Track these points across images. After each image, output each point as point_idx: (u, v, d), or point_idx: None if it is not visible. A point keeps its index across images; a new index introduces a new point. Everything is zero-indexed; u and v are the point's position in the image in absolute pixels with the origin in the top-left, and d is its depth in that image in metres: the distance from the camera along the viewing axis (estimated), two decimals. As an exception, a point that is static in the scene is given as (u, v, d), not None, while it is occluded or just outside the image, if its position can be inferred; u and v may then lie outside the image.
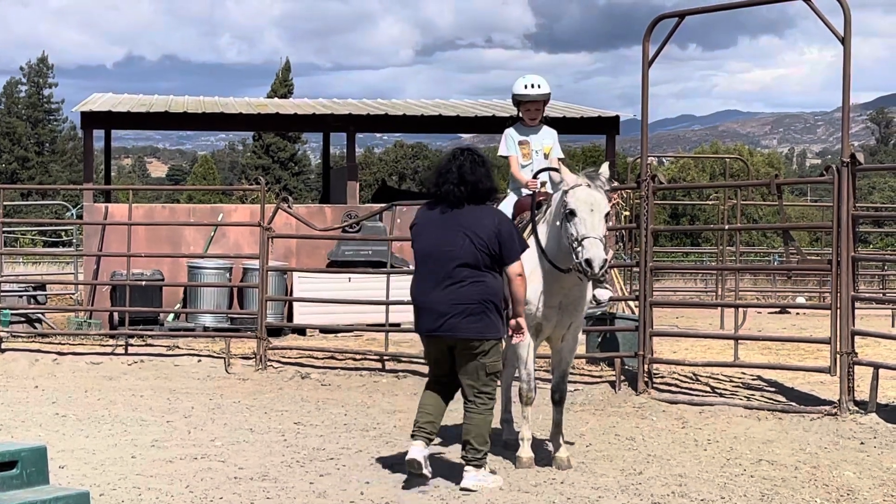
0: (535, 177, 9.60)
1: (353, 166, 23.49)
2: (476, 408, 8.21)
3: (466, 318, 8.06)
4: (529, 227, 9.23)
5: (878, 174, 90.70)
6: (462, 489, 8.11)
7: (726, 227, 18.05)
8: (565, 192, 8.70)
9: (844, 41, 11.47)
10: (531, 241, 9.19)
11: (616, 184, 20.11)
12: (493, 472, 8.41)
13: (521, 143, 9.88)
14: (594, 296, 9.37)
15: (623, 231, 19.77)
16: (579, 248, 8.45)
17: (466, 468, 8.19)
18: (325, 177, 29.50)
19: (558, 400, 9.35)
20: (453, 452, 9.66)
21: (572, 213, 8.55)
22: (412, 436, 8.32)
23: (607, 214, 8.73)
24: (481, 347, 8.12)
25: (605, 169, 8.89)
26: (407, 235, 21.00)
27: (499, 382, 8.35)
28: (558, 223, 8.79)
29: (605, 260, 8.49)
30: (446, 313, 8.11)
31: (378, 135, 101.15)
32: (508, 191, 9.99)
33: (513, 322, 8.34)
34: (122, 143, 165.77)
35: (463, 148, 8.43)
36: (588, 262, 8.36)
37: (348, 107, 24.99)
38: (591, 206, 8.55)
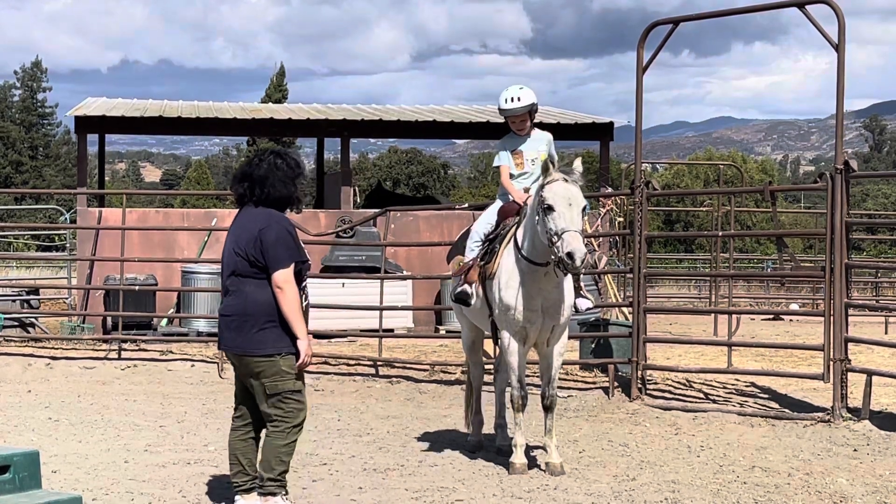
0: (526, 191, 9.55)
1: (347, 171, 23.49)
2: (268, 433, 7.32)
3: (232, 332, 7.29)
4: (511, 231, 9.24)
5: (871, 181, 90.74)
6: None
7: (720, 233, 18.06)
8: (542, 186, 8.69)
9: (838, 48, 11.48)
10: (510, 248, 9.18)
11: (610, 189, 20.17)
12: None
13: (513, 153, 9.78)
14: (574, 305, 9.36)
15: (617, 237, 19.78)
16: (559, 242, 8.40)
17: (259, 497, 7.37)
18: (319, 182, 29.50)
19: (549, 405, 9.34)
20: (445, 459, 9.67)
21: (550, 208, 8.52)
22: (235, 492, 7.50)
23: (584, 208, 8.70)
24: (253, 365, 7.24)
25: (577, 164, 8.88)
26: (401, 241, 21.01)
27: (292, 405, 7.23)
28: (536, 218, 8.77)
29: (586, 253, 8.46)
30: (222, 327, 7.43)
31: (372, 140, 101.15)
32: (497, 197, 9.95)
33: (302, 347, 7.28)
34: (115, 148, 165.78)
35: (271, 150, 7.68)
36: (570, 255, 8.31)
37: (343, 112, 24.98)
38: (569, 200, 8.53)
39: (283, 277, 7.20)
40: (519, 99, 9.64)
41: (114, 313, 17.95)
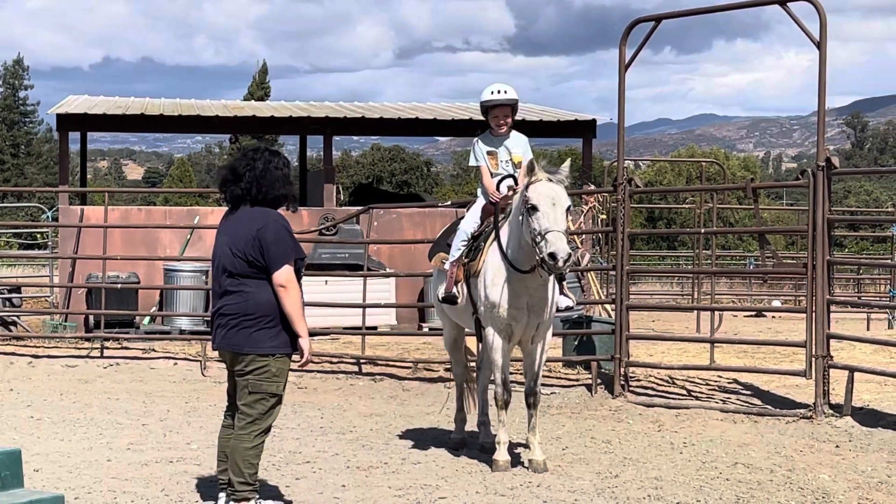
0: (497, 186, 9.50)
1: (329, 169, 23.44)
2: (236, 435, 7.30)
3: (229, 330, 7.25)
4: (493, 233, 9.24)
5: (853, 178, 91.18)
6: None
7: (702, 230, 18.10)
8: (526, 186, 8.68)
9: (820, 46, 11.52)
10: (494, 246, 9.17)
11: (592, 186, 20.19)
12: None
13: (489, 153, 9.75)
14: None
15: (599, 234, 19.80)
16: (542, 243, 8.39)
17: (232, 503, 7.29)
18: (301, 179, 29.46)
19: (532, 403, 9.36)
20: (434, 456, 9.67)
21: (534, 208, 8.51)
22: (220, 489, 7.55)
23: (569, 208, 8.69)
24: (243, 363, 7.24)
25: (566, 166, 8.90)
26: (384, 238, 20.96)
27: (267, 408, 7.30)
28: (520, 218, 8.77)
29: (570, 253, 8.45)
30: (217, 325, 7.39)
31: (355, 137, 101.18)
32: (478, 195, 9.92)
33: (304, 345, 7.42)
34: (98, 146, 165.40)
35: (260, 147, 7.58)
36: (552, 255, 8.30)
37: (325, 109, 24.94)
38: (553, 200, 8.53)
39: (286, 276, 7.20)
40: (505, 92, 9.69)
41: (96, 311, 17.87)
